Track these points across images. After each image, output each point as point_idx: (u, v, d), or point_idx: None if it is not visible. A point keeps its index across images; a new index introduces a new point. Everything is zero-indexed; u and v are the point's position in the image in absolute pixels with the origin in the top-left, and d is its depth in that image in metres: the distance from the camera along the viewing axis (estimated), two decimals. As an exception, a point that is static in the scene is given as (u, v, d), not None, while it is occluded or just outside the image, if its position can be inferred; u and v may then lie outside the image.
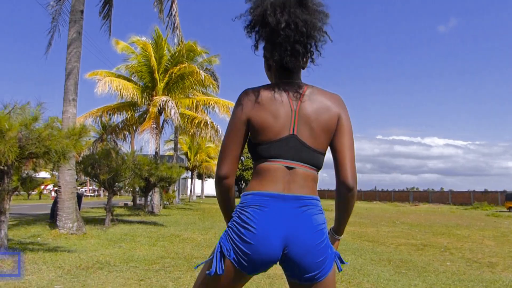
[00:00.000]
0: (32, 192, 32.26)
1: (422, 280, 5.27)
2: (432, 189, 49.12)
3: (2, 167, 5.36)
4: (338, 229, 1.62)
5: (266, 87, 1.53)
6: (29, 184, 6.26)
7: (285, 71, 1.57)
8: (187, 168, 35.04)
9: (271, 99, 1.48)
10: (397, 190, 50.04)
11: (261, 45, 1.57)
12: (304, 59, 1.54)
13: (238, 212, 1.46)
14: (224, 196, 1.55)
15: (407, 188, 53.55)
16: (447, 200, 40.64)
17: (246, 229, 1.41)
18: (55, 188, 10.45)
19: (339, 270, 1.53)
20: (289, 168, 1.46)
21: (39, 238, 7.76)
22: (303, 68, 1.61)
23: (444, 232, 11.52)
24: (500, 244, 9.19)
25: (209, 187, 59.02)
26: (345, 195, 1.50)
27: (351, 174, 1.47)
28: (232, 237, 1.43)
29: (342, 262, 1.55)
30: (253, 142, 1.51)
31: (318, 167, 1.52)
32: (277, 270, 4.73)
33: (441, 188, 50.32)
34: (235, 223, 1.45)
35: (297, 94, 1.50)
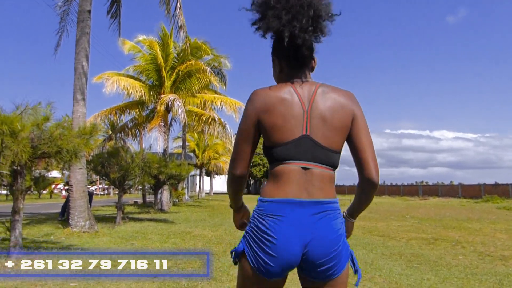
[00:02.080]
0: (43, 191, 32.62)
1: (435, 274, 5.26)
2: (442, 183, 48.76)
3: (15, 167, 5.43)
4: (353, 215, 1.66)
5: (276, 87, 1.52)
6: (41, 183, 6.33)
7: (295, 68, 1.57)
8: (195, 165, 35.18)
9: (281, 100, 1.47)
10: (406, 184, 49.71)
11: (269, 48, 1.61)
12: (312, 45, 1.54)
13: (256, 220, 1.47)
14: (236, 188, 1.64)
15: (416, 182, 53.24)
16: (457, 193, 40.25)
17: (267, 240, 1.42)
18: (66, 187, 10.56)
19: (354, 271, 1.56)
20: (305, 169, 1.45)
21: (52, 237, 7.86)
22: (313, 68, 1.62)
23: (455, 226, 11.44)
24: (512, 237, 9.11)
25: (218, 184, 59.19)
26: (369, 191, 1.54)
27: (375, 171, 1.50)
28: (253, 245, 1.45)
29: (354, 266, 1.57)
30: (266, 145, 1.51)
31: (334, 166, 1.51)
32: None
33: (451, 182, 49.87)
34: (254, 231, 1.46)
35: (309, 93, 1.50)
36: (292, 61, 1.57)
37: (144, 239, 7.79)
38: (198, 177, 41.64)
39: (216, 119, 17.59)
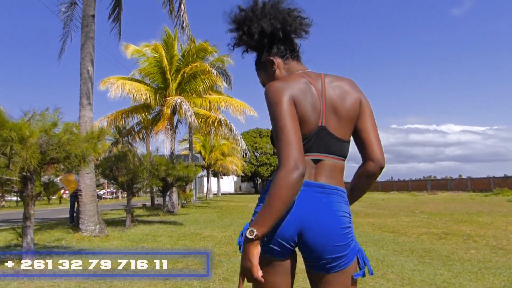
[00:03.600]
0: (53, 197, 32.88)
1: (448, 269, 5.21)
2: (450, 177, 48.12)
3: (25, 173, 5.47)
4: (351, 201, 1.65)
5: (292, 78, 1.45)
6: (51, 188, 6.38)
7: (294, 60, 1.59)
8: (202, 167, 35.26)
9: (305, 92, 1.42)
10: (414, 179, 49.24)
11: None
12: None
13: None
14: (296, 192, 1.29)
15: (424, 177, 52.65)
16: (466, 187, 39.89)
17: None
18: (67, 192, 10.65)
19: (361, 269, 1.43)
20: (316, 161, 1.43)
21: (63, 242, 7.91)
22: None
23: (465, 220, 11.35)
24: (524, 229, 9.01)
25: (225, 184, 59.34)
26: (375, 173, 1.55)
27: (382, 153, 1.53)
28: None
29: (366, 265, 1.45)
30: None
31: (345, 156, 1.50)
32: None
33: (460, 175, 49.14)
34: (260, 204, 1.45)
35: (320, 83, 1.47)
36: (293, 53, 1.59)
37: (154, 242, 7.81)
38: (205, 178, 41.74)
39: (222, 120, 17.58)
